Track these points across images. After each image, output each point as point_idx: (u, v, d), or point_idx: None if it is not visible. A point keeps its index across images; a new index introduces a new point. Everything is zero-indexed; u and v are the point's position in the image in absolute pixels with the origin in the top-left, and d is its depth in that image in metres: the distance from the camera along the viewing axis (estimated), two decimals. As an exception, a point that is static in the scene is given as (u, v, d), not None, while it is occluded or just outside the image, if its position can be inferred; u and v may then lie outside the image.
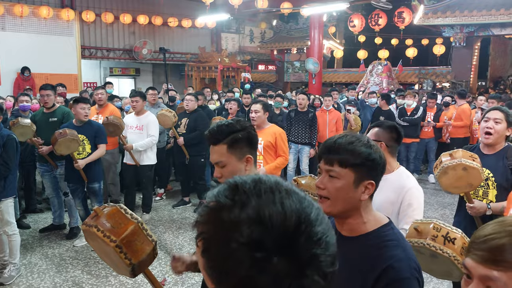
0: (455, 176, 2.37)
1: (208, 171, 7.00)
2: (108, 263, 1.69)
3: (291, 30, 17.54)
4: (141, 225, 1.56)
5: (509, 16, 11.79)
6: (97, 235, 1.49)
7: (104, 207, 1.59)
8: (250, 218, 0.60)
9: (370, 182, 1.36)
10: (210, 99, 8.78)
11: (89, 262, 4.50)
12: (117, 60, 15.40)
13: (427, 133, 8.00)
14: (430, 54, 17.96)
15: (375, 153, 1.37)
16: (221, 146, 1.69)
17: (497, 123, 2.72)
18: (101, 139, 4.82)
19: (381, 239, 1.34)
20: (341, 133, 1.48)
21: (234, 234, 0.60)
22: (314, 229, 0.62)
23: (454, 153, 2.41)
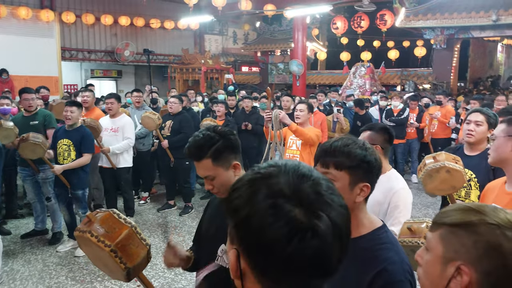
0: (438, 179, 2.40)
1: (193, 174, 6.96)
2: (101, 269, 1.68)
3: (274, 32, 17.60)
4: (135, 229, 1.56)
5: (488, 19, 12.06)
6: (91, 240, 1.47)
7: (97, 213, 1.58)
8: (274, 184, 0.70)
9: (365, 184, 1.37)
10: (193, 100, 8.74)
11: (73, 267, 4.43)
12: (98, 62, 15.21)
13: (411, 134, 8.13)
14: (412, 56, 18.26)
15: (370, 155, 1.38)
16: (206, 161, 1.63)
17: (478, 126, 2.78)
18: (86, 148, 4.69)
19: (376, 242, 1.35)
20: (337, 137, 1.49)
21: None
22: (321, 187, 0.70)
23: (438, 156, 2.45)
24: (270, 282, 0.69)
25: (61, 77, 13.31)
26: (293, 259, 0.65)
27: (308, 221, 0.66)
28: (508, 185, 1.92)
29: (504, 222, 0.95)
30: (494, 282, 0.94)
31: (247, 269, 0.71)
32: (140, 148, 6.38)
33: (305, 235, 0.65)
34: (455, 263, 0.97)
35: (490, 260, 0.94)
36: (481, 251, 0.94)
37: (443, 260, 1.00)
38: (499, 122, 2.02)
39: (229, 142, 1.66)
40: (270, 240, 0.65)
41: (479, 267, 0.95)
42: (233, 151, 1.67)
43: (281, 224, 0.65)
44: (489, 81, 17.50)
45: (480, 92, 13.80)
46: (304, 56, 15.44)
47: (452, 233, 0.99)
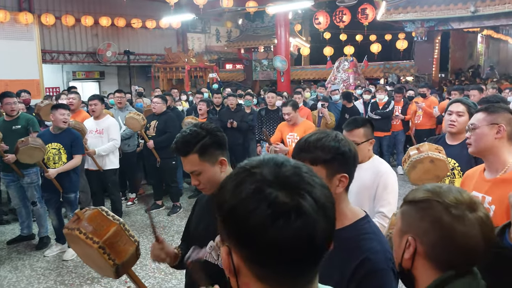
0: (422, 169, 2.45)
1: (180, 173, 6.94)
2: (91, 266, 1.69)
3: (257, 29, 17.58)
4: (123, 226, 1.57)
5: (466, 10, 12.23)
6: (80, 237, 1.48)
7: (85, 210, 1.59)
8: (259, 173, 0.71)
9: (343, 175, 1.39)
10: (178, 99, 8.70)
11: (62, 271, 4.38)
12: (80, 64, 15.02)
13: (396, 126, 8.22)
14: (394, 49, 18.40)
15: (344, 146, 1.40)
16: (192, 156, 1.64)
17: (460, 116, 2.83)
18: (77, 149, 4.67)
19: (358, 232, 1.37)
20: (311, 132, 1.50)
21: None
22: (302, 174, 0.72)
23: (421, 147, 2.49)
24: (264, 270, 0.69)
25: (42, 80, 13.10)
26: (281, 241, 0.65)
27: (291, 202, 0.66)
28: (487, 172, 1.95)
29: (450, 200, 1.04)
30: (438, 253, 1.03)
31: (240, 264, 0.71)
32: (125, 149, 6.33)
33: (289, 215, 0.65)
34: (407, 236, 1.08)
35: (433, 233, 1.03)
36: (426, 225, 1.05)
37: (400, 233, 1.12)
38: (476, 111, 2.04)
39: (216, 138, 1.68)
40: (256, 225, 0.66)
41: (425, 240, 1.05)
42: (219, 147, 1.69)
43: (264, 207, 0.66)
44: (470, 72, 17.76)
45: (462, 83, 14.01)
46: (288, 52, 15.45)
47: (408, 209, 1.11)
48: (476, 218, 1.02)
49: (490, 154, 1.93)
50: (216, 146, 1.68)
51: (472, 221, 1.02)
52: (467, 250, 1.01)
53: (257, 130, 7.06)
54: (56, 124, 4.58)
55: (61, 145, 4.56)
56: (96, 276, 4.24)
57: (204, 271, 1.53)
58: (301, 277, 0.71)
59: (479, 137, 1.94)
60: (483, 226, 1.03)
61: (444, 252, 1.02)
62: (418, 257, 1.06)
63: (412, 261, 1.08)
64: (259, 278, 0.70)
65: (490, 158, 1.93)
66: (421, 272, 1.07)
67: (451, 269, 1.03)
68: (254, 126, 7.09)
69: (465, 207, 1.03)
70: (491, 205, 1.85)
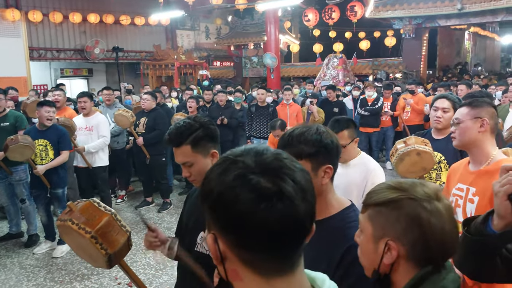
0: (410, 162, 2.50)
1: (170, 170, 6.93)
2: (84, 258, 1.71)
3: (247, 26, 17.57)
4: (115, 217, 1.60)
5: (453, 8, 12.38)
6: (72, 228, 1.50)
7: (77, 202, 1.61)
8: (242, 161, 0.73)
9: (327, 166, 1.42)
10: (167, 96, 8.68)
11: (52, 268, 4.37)
12: (68, 61, 14.87)
13: (385, 122, 8.29)
14: (382, 46, 18.51)
15: (326, 138, 1.42)
16: (185, 147, 1.68)
17: (445, 112, 2.90)
18: (64, 145, 4.66)
19: (345, 221, 1.41)
20: (294, 126, 1.53)
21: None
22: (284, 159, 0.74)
23: (408, 140, 2.54)
24: (250, 255, 0.71)
25: (30, 77, 12.95)
26: (265, 224, 0.67)
27: (273, 186, 0.68)
28: (472, 165, 2.00)
29: (421, 195, 1.03)
30: (419, 251, 1.02)
31: (226, 250, 0.73)
32: (114, 147, 6.30)
33: (272, 199, 0.68)
34: (384, 240, 1.04)
35: (413, 232, 1.01)
36: (403, 224, 1.02)
37: (373, 239, 1.07)
38: (460, 106, 2.08)
39: (209, 130, 1.72)
40: (240, 211, 0.68)
41: (404, 240, 1.02)
42: (211, 140, 1.73)
43: (247, 193, 0.68)
44: (457, 69, 17.97)
45: (449, 79, 14.17)
46: (277, 49, 15.49)
47: (378, 212, 1.06)
48: (445, 207, 1.03)
49: (474, 147, 1.97)
50: (209, 138, 1.71)
51: (443, 212, 1.02)
52: (445, 243, 1.02)
53: (247, 126, 7.08)
54: (41, 121, 4.56)
55: (47, 141, 4.55)
56: (86, 273, 4.24)
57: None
58: (286, 260, 0.73)
59: (463, 131, 1.97)
60: (450, 213, 1.04)
61: (424, 249, 1.02)
62: (400, 260, 1.04)
63: (392, 265, 1.05)
64: (245, 263, 0.72)
65: (474, 151, 1.97)
66: (401, 274, 1.05)
67: (429, 265, 1.03)
68: (244, 122, 7.12)
69: (434, 198, 1.03)
70: (475, 196, 1.90)
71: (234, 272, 0.74)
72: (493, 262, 1.23)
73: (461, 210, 1.95)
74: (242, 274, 0.73)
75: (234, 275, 0.74)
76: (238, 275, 0.74)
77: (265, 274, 0.72)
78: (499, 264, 1.22)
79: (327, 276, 0.80)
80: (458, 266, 1.36)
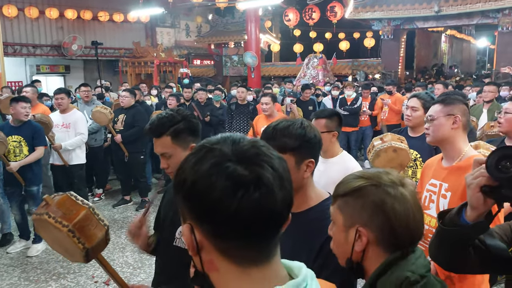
0: (386, 158, 2.54)
1: (149, 168, 6.86)
2: (61, 252, 1.68)
3: (227, 24, 17.54)
4: (93, 210, 1.58)
5: (430, 10, 12.63)
6: (49, 222, 1.47)
7: (54, 196, 1.58)
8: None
9: (310, 160, 1.44)
10: (146, 94, 8.60)
11: (26, 267, 4.27)
12: (44, 57, 14.56)
13: (364, 121, 8.39)
14: (362, 46, 18.76)
15: (309, 133, 1.44)
16: (165, 139, 1.69)
17: (415, 111, 2.97)
18: (39, 141, 4.56)
19: (323, 212, 1.42)
20: (277, 120, 1.53)
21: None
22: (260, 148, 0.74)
23: (384, 137, 2.59)
24: (227, 244, 0.70)
25: (4, 73, 12.56)
26: (242, 212, 0.67)
27: (250, 174, 0.68)
28: (445, 161, 2.04)
29: (385, 181, 1.06)
30: (387, 236, 1.05)
31: (203, 240, 0.72)
32: (92, 144, 6.19)
33: (249, 187, 0.67)
34: (354, 228, 1.07)
35: (379, 217, 1.04)
36: (369, 211, 1.05)
37: (344, 228, 1.10)
38: (433, 103, 2.12)
39: (190, 124, 1.73)
40: (217, 199, 0.67)
41: (372, 226, 1.06)
42: (192, 134, 1.73)
43: (223, 180, 0.67)
44: (434, 70, 18.34)
45: (426, 80, 14.45)
46: (258, 48, 15.51)
47: (346, 202, 1.10)
48: (409, 193, 1.07)
49: (447, 144, 2.01)
50: (189, 132, 1.72)
51: (408, 197, 1.06)
52: (410, 227, 1.05)
53: (227, 124, 7.07)
54: (17, 117, 4.45)
55: (22, 137, 4.45)
56: (62, 271, 4.16)
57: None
58: (263, 249, 0.72)
59: (437, 127, 2.02)
60: (415, 199, 1.08)
61: (391, 234, 1.04)
62: (369, 246, 1.07)
63: (363, 252, 1.08)
64: (222, 252, 0.71)
65: (447, 147, 2.02)
66: (373, 260, 1.08)
67: (397, 250, 1.06)
68: (224, 120, 7.10)
69: (398, 184, 1.07)
70: (447, 191, 1.94)
71: (210, 262, 0.73)
72: (466, 252, 1.26)
73: (435, 205, 2.00)
74: (218, 264, 0.73)
75: (210, 265, 0.74)
76: (214, 266, 0.73)
77: (241, 263, 0.72)
78: (472, 254, 1.26)
79: (304, 264, 0.81)
80: (433, 258, 1.40)
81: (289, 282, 0.73)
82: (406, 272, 1.03)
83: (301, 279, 0.74)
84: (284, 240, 0.77)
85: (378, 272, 1.06)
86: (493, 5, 11.83)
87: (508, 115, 2.75)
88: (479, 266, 1.31)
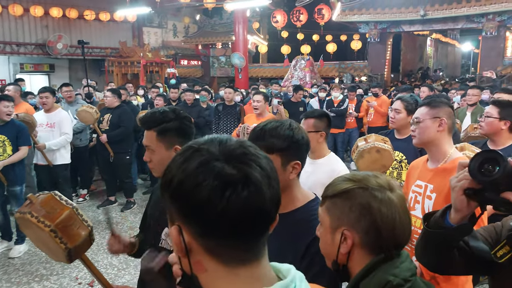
0: (370, 159, 2.56)
1: (134, 169, 6.81)
2: (44, 251, 1.69)
3: (215, 25, 17.51)
4: (77, 211, 1.57)
5: (416, 14, 12.79)
6: (32, 221, 1.47)
7: (38, 195, 1.58)
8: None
9: (296, 162, 1.44)
10: (132, 94, 8.53)
11: (8, 269, 4.19)
12: (28, 56, 14.32)
13: (350, 123, 8.45)
14: (349, 49, 18.89)
15: (297, 134, 1.44)
16: (152, 133, 1.70)
17: (398, 113, 3.04)
18: (23, 141, 4.48)
19: (310, 213, 1.43)
20: (266, 120, 1.53)
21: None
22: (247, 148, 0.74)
23: (368, 138, 2.61)
24: (214, 244, 0.70)
25: (-13, 71, 12.42)
26: (231, 211, 0.67)
27: (238, 173, 0.68)
28: (430, 162, 2.07)
29: (373, 185, 1.08)
30: (371, 239, 1.06)
31: (191, 242, 0.71)
32: (77, 144, 6.12)
33: (237, 186, 0.67)
34: (340, 230, 1.08)
35: (365, 220, 1.06)
36: (356, 213, 1.06)
37: (331, 230, 1.11)
38: (419, 106, 2.15)
39: (181, 125, 1.72)
40: (205, 198, 0.66)
41: (358, 228, 1.07)
42: (181, 135, 1.71)
43: (211, 180, 0.67)
44: (420, 73, 18.56)
45: (412, 83, 14.63)
46: (246, 49, 15.52)
47: (333, 203, 1.11)
48: (397, 197, 1.08)
49: (432, 146, 2.04)
50: (177, 133, 1.71)
51: (395, 201, 1.07)
52: (396, 230, 1.06)
53: (214, 125, 7.05)
54: None
55: (5, 137, 4.36)
56: (45, 273, 4.09)
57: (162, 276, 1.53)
58: (251, 248, 0.72)
59: (423, 130, 2.04)
60: (402, 203, 1.09)
61: (376, 237, 1.05)
62: (355, 248, 1.08)
63: (348, 254, 1.09)
64: (210, 252, 0.71)
65: (433, 149, 2.04)
66: (358, 262, 1.09)
67: (381, 253, 1.06)
68: (211, 121, 7.08)
69: (386, 189, 1.08)
70: (432, 193, 1.96)
71: (198, 263, 0.73)
72: (451, 254, 1.28)
73: (420, 207, 2.02)
74: (206, 265, 0.72)
75: (198, 266, 0.73)
76: (202, 266, 0.73)
77: (229, 263, 0.71)
78: (456, 256, 1.27)
79: (293, 266, 0.80)
80: (419, 259, 1.41)
81: (277, 283, 0.73)
82: (388, 276, 1.03)
83: (289, 280, 0.74)
84: (271, 241, 0.76)
85: (361, 274, 1.07)
86: (478, 10, 12.03)
87: (489, 119, 2.80)
88: (464, 267, 1.32)
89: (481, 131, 3.11)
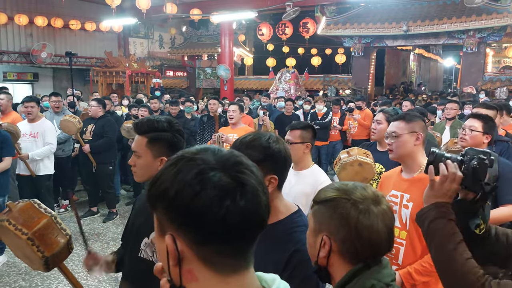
0: (352, 172, 2.61)
1: (117, 179, 6.75)
2: (22, 259, 1.68)
3: (201, 37, 17.59)
4: (55, 219, 1.57)
5: (399, 29, 13.06)
6: (9, 228, 1.47)
7: (18, 203, 1.57)
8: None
9: (272, 176, 1.43)
10: (117, 104, 8.49)
11: (-16, 282, 4.10)
12: (12, 64, 14.17)
13: (334, 136, 8.52)
14: (333, 62, 19.18)
15: (274, 147, 1.44)
16: (142, 138, 1.70)
17: (379, 124, 3.11)
18: (7, 151, 4.40)
19: (291, 225, 1.45)
20: (248, 133, 1.54)
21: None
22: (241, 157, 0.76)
23: (351, 151, 2.66)
24: (209, 251, 0.71)
25: (-32, 79, 12.23)
26: (228, 219, 0.68)
27: (234, 181, 0.70)
28: (405, 173, 2.13)
29: (357, 197, 1.11)
30: (349, 248, 1.10)
31: (185, 250, 0.72)
32: (59, 155, 6.01)
33: (235, 194, 0.69)
34: (321, 235, 1.13)
35: (344, 229, 1.10)
36: (336, 222, 1.11)
37: (313, 233, 1.16)
38: (394, 120, 2.20)
39: (173, 138, 1.73)
40: (203, 208, 0.68)
41: (337, 237, 1.11)
42: (169, 147, 1.72)
43: (209, 189, 0.68)
44: (402, 87, 18.89)
45: (395, 97, 14.87)
46: (231, 61, 15.60)
47: (318, 209, 1.16)
48: (380, 211, 1.11)
49: (408, 159, 2.10)
50: (167, 144, 1.71)
51: (376, 214, 1.10)
52: (373, 242, 1.09)
53: (198, 136, 7.06)
54: None
55: None
56: (24, 285, 4.02)
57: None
58: (243, 255, 0.74)
59: (401, 144, 2.10)
60: (385, 217, 1.12)
61: (353, 246, 1.09)
62: (333, 254, 1.12)
63: (328, 259, 1.12)
64: (204, 260, 0.72)
65: (408, 162, 2.10)
66: (336, 268, 1.12)
67: (361, 262, 1.10)
68: (196, 132, 7.09)
69: (370, 201, 1.11)
70: (409, 202, 2.01)
71: (189, 272, 0.73)
72: None
73: (397, 216, 2.06)
74: (197, 274, 0.73)
75: (189, 276, 0.73)
76: (193, 276, 0.73)
77: (221, 271, 0.72)
78: None
79: (278, 276, 0.82)
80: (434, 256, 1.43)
81: None
82: (372, 280, 1.07)
83: None
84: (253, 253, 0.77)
85: (343, 281, 1.10)
86: (459, 26, 12.34)
87: (474, 133, 2.85)
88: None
89: (464, 144, 3.19)
